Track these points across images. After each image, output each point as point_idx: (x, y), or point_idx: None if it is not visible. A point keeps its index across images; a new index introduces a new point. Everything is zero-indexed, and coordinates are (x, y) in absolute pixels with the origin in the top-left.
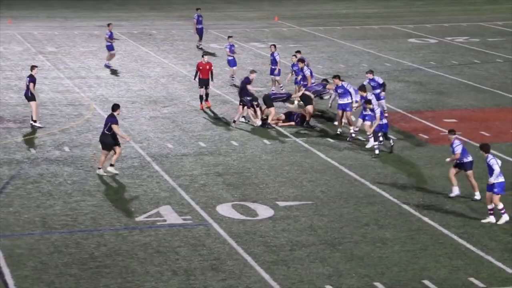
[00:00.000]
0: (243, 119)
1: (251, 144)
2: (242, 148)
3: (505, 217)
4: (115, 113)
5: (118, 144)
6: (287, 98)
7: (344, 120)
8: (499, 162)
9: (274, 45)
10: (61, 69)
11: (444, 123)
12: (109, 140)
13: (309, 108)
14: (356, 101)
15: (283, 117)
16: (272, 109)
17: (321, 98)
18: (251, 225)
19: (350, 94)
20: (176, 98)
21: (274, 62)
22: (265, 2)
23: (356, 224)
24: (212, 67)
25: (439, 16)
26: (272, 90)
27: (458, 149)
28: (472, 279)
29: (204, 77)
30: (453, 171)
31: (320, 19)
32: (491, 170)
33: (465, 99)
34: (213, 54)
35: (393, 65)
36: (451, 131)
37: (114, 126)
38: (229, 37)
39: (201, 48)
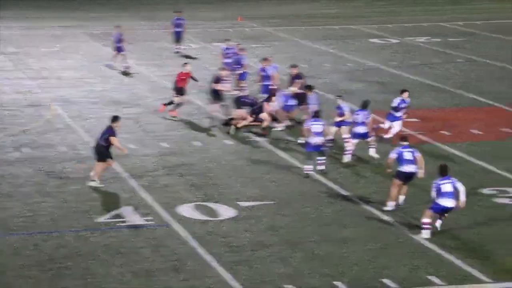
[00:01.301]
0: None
1: (214, 145)
2: (205, 149)
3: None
4: (113, 125)
5: (111, 156)
6: (254, 103)
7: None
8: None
9: (243, 48)
10: (22, 69)
11: (405, 123)
12: (104, 152)
13: (240, 112)
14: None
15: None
16: (240, 112)
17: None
18: (213, 225)
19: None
20: (140, 99)
21: (239, 64)
22: (228, 2)
23: (317, 223)
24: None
25: (400, 16)
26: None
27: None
28: (432, 277)
29: (181, 86)
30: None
31: (282, 19)
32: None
33: (426, 99)
34: (190, 57)
35: (355, 65)
36: (404, 139)
37: (112, 139)
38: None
39: (177, 53)
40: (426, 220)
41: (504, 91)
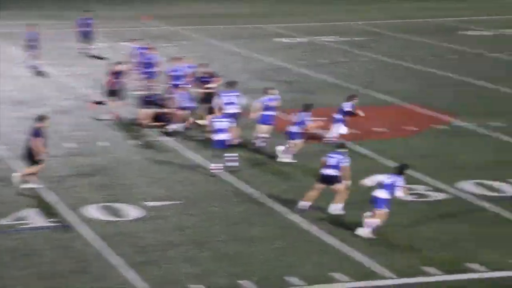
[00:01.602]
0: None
1: (121, 145)
2: (112, 149)
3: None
4: (38, 125)
5: (40, 158)
6: (161, 103)
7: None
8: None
9: (153, 47)
10: None
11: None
12: (29, 153)
13: (146, 111)
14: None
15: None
16: (146, 111)
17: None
18: (120, 226)
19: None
20: (46, 99)
21: (149, 64)
22: (136, 1)
23: (225, 223)
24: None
25: (307, 15)
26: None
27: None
28: (335, 274)
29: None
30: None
31: (191, 18)
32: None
33: (333, 97)
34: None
35: (264, 65)
36: (341, 145)
37: (33, 140)
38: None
39: (84, 53)
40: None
41: (408, 90)
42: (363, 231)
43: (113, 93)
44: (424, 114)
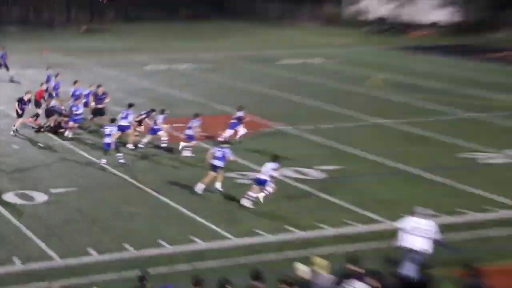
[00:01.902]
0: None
1: (30, 147)
2: (22, 150)
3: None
4: None
5: None
6: (61, 113)
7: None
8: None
9: (58, 73)
10: None
11: (176, 128)
12: None
13: (52, 118)
14: None
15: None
16: (50, 119)
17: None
18: (31, 208)
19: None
20: None
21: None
22: (36, 36)
23: (111, 204)
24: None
25: (168, 48)
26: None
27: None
28: (192, 237)
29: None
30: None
31: (80, 51)
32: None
33: (189, 110)
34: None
35: (135, 86)
36: (225, 142)
37: None
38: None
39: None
40: (250, 193)
41: (244, 103)
42: (247, 202)
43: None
44: (255, 121)
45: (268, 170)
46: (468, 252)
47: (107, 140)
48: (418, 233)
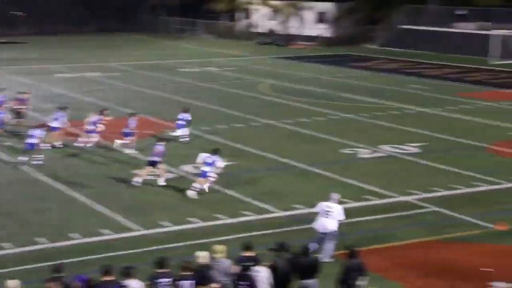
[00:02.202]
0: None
1: None
2: None
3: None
4: None
5: None
6: None
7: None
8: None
9: None
10: None
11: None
12: None
13: None
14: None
15: None
16: None
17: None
18: None
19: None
20: None
21: None
22: None
23: (26, 199)
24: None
25: (79, 59)
26: None
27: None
28: (103, 230)
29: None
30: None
31: None
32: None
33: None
34: None
35: (50, 92)
36: (161, 139)
37: None
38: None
39: None
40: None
41: (146, 107)
42: (191, 193)
43: None
44: (157, 123)
45: (204, 158)
46: (349, 237)
47: (30, 140)
48: (329, 216)
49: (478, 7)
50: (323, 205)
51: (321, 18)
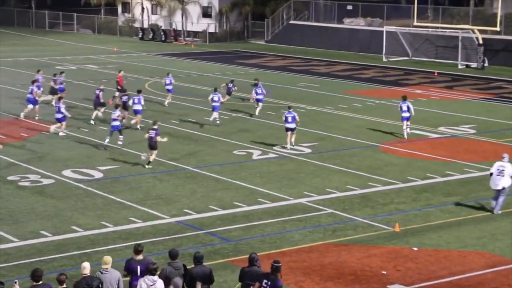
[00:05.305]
0: None
1: None
2: None
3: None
4: None
5: None
6: None
7: None
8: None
9: None
10: None
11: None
12: None
13: None
14: None
15: None
16: None
17: None
18: None
19: None
20: None
21: None
22: None
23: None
24: None
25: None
26: None
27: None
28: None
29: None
30: None
31: None
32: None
33: None
34: None
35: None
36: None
37: None
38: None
39: None
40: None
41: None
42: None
43: None
44: (32, 124)
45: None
46: (244, 242)
47: None
48: (503, 174)
49: (368, 2)
50: (497, 165)
51: (206, 12)
